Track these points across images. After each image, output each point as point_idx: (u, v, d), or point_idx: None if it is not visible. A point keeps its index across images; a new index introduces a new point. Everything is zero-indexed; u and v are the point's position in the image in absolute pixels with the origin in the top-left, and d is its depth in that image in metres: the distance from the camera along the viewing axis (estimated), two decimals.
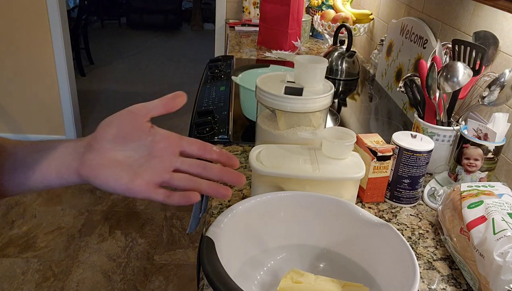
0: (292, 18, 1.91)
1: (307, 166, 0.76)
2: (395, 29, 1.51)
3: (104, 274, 1.98)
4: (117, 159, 0.47)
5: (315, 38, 2.28)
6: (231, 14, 2.82)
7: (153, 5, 6.46)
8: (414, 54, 1.33)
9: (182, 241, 2.23)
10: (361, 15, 1.93)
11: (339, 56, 1.64)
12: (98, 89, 4.12)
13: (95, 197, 2.53)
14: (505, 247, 0.59)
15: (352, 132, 0.79)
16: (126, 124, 0.47)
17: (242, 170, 0.96)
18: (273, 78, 0.91)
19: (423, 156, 0.82)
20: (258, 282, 0.64)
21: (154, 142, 0.48)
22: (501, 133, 0.84)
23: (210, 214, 0.81)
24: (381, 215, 0.84)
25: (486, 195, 0.70)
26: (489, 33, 0.98)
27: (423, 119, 0.97)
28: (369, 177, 0.84)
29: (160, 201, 0.47)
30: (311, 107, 0.84)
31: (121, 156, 0.47)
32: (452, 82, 0.90)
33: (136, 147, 0.48)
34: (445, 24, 1.22)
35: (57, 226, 2.28)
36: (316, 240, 0.68)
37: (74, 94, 3.03)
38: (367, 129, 1.24)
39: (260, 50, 2.00)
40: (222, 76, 1.53)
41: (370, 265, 0.64)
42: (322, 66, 0.87)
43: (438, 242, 0.78)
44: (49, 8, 2.69)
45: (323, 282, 0.60)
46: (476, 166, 0.86)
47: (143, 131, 0.48)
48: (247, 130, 1.15)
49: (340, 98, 1.49)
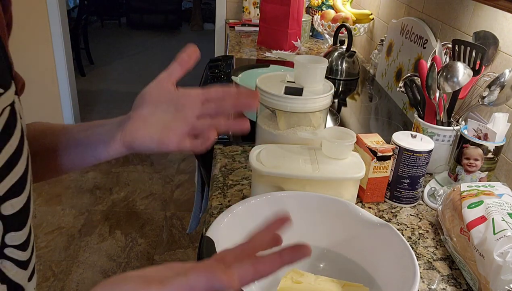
0: (292, 18, 1.91)
1: (307, 166, 0.76)
2: (395, 29, 1.51)
3: (104, 274, 1.98)
4: (151, 121, 0.53)
5: (315, 38, 2.28)
6: (231, 14, 2.83)
7: (153, 5, 6.45)
8: (414, 54, 1.33)
9: (182, 241, 2.23)
10: (361, 15, 1.93)
11: (339, 56, 1.64)
12: (98, 89, 4.12)
13: (95, 197, 2.53)
14: (505, 247, 0.59)
15: (352, 132, 0.79)
16: (155, 92, 0.54)
17: (242, 169, 0.96)
18: (273, 78, 0.91)
19: (423, 156, 0.82)
20: (258, 282, 0.64)
21: (178, 99, 0.55)
22: (501, 133, 0.84)
23: (210, 214, 0.81)
24: (381, 215, 0.85)
25: (486, 195, 0.70)
26: (489, 33, 0.98)
27: (423, 119, 0.97)
28: (369, 177, 0.84)
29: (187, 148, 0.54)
30: (311, 107, 0.84)
31: (153, 118, 0.54)
32: (452, 82, 0.90)
33: (165, 107, 0.54)
34: (445, 24, 1.22)
35: (57, 226, 2.28)
36: (316, 240, 0.68)
37: (74, 94, 3.03)
38: (367, 129, 1.24)
39: (260, 50, 2.00)
40: (222, 76, 1.53)
41: (370, 265, 0.64)
42: (322, 66, 0.87)
43: (438, 242, 0.78)
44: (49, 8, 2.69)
45: (323, 282, 0.60)
46: (476, 166, 0.86)
47: (170, 93, 0.54)
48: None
49: (340, 98, 1.49)
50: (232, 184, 0.90)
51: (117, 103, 3.82)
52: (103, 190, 2.60)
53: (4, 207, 0.42)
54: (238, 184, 0.91)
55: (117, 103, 3.82)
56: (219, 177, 0.93)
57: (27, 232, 0.47)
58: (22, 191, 0.44)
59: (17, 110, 0.44)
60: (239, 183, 0.91)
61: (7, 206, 0.42)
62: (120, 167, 2.83)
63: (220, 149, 1.05)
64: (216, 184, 0.90)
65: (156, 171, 2.82)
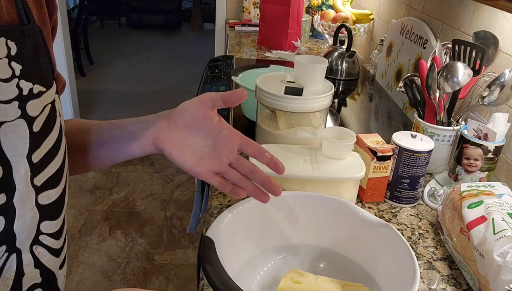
0: (292, 18, 1.91)
1: (307, 166, 0.76)
2: (395, 29, 1.51)
3: (104, 274, 1.98)
4: (188, 143, 0.57)
5: (315, 38, 2.28)
6: (231, 14, 2.82)
7: (153, 5, 6.45)
8: (414, 54, 1.33)
9: (182, 241, 2.23)
10: (361, 15, 1.93)
11: (339, 56, 1.64)
12: (98, 89, 4.12)
13: (95, 197, 2.53)
14: (505, 247, 0.59)
15: (352, 132, 0.79)
16: (199, 114, 0.56)
17: None
18: (273, 78, 0.91)
19: (423, 156, 0.82)
20: (258, 282, 0.64)
21: (219, 136, 0.57)
22: (501, 133, 0.84)
23: (210, 214, 0.81)
24: (381, 215, 0.85)
25: (486, 195, 0.70)
26: (489, 33, 0.98)
27: (423, 119, 0.97)
28: (369, 177, 0.84)
29: (215, 185, 0.58)
30: (311, 107, 0.84)
31: (191, 141, 0.57)
32: (452, 82, 0.90)
33: (204, 136, 0.57)
34: (445, 24, 1.22)
35: None
36: (316, 240, 0.68)
37: (74, 94, 3.03)
38: (367, 129, 1.24)
39: (260, 50, 2.00)
40: (222, 76, 1.53)
41: (370, 265, 0.64)
42: (322, 66, 0.87)
43: (438, 242, 0.78)
44: None
45: (323, 282, 0.60)
46: (476, 166, 0.86)
47: (212, 123, 0.57)
48: (247, 130, 1.15)
49: (340, 98, 1.49)
50: None
51: (117, 103, 3.82)
52: (103, 190, 2.60)
53: (41, 197, 0.45)
54: None
55: (117, 103, 3.82)
56: None
57: (61, 222, 0.50)
58: (58, 183, 0.47)
59: (57, 108, 0.47)
60: None
61: (44, 196, 0.45)
62: (120, 167, 2.83)
63: None
64: None
65: (156, 171, 2.82)
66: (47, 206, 0.46)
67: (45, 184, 0.45)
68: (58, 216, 0.48)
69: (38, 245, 0.46)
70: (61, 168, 0.48)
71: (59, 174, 0.47)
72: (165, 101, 3.88)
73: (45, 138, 0.44)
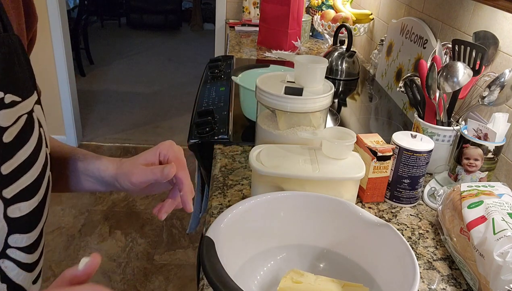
0: (292, 18, 1.91)
1: (307, 166, 0.76)
2: (395, 29, 1.51)
3: (104, 274, 1.98)
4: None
5: (315, 38, 2.28)
6: (231, 14, 2.82)
7: (153, 5, 6.45)
8: (414, 54, 1.33)
9: (182, 241, 2.23)
10: (361, 15, 1.93)
11: (339, 56, 1.64)
12: (98, 89, 4.12)
13: (95, 197, 2.53)
14: (505, 247, 0.59)
15: (352, 132, 0.79)
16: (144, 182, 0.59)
17: (242, 169, 0.96)
18: (273, 78, 0.91)
19: (423, 156, 0.82)
20: (258, 282, 0.64)
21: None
22: (501, 133, 0.84)
23: (210, 214, 0.81)
24: (381, 215, 0.85)
25: (486, 195, 0.70)
26: (489, 33, 0.98)
27: (423, 119, 0.97)
28: (369, 177, 0.84)
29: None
30: (311, 107, 0.84)
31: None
32: (452, 82, 0.90)
33: None
34: (445, 24, 1.22)
35: (57, 226, 2.28)
36: (316, 240, 0.68)
37: (74, 94, 3.03)
38: (367, 129, 1.24)
39: (260, 50, 2.00)
40: (222, 76, 1.53)
41: (370, 265, 0.64)
42: (322, 66, 0.87)
43: (438, 242, 0.78)
44: (49, 8, 2.68)
45: (323, 282, 0.60)
46: (476, 166, 0.86)
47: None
48: (247, 130, 1.15)
49: (340, 98, 1.49)
50: (232, 184, 0.90)
51: (117, 103, 3.82)
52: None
53: (11, 210, 0.43)
54: (238, 184, 0.91)
55: (117, 103, 3.82)
56: (219, 177, 0.93)
57: (36, 235, 0.47)
58: (33, 196, 0.45)
59: (35, 118, 0.45)
60: (239, 183, 0.91)
61: (14, 208, 0.43)
62: None
63: (220, 149, 1.05)
64: (216, 184, 0.90)
65: None
66: (17, 219, 0.44)
67: (16, 196, 0.43)
68: (31, 230, 0.46)
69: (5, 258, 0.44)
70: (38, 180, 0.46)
71: (34, 187, 0.45)
72: (165, 101, 3.88)
73: (18, 150, 0.43)
